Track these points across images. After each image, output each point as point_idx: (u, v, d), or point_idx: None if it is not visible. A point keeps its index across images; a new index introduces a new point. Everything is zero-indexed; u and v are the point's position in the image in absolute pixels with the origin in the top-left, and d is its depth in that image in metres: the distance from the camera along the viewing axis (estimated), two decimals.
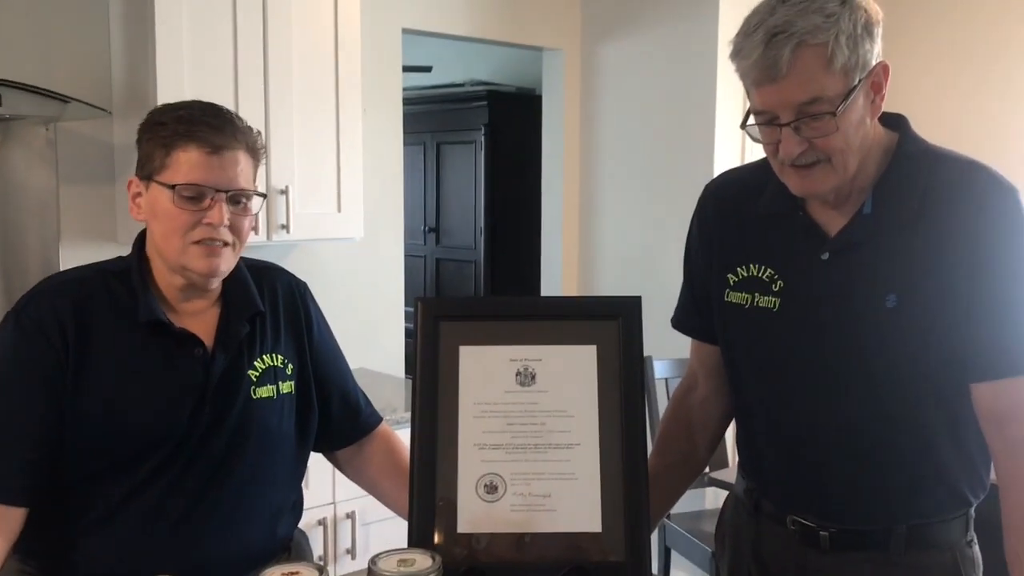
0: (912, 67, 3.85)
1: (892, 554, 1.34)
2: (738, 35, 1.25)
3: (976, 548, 1.39)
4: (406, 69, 3.45)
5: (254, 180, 1.43)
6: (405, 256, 3.50)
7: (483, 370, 1.34)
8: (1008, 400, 1.29)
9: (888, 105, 1.31)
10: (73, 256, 2.54)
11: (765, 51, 1.20)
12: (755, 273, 1.39)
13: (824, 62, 1.19)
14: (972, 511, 1.39)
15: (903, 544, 1.34)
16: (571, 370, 1.34)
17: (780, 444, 1.42)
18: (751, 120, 1.28)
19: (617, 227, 3.89)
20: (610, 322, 1.35)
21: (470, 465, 1.30)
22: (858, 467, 1.35)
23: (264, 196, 1.45)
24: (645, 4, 3.70)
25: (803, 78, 1.20)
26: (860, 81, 1.22)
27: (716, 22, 3.42)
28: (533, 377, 1.33)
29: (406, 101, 3.46)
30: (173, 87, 2.41)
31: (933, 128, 1.44)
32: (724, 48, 1.32)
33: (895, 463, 1.33)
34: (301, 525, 1.59)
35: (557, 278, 4.02)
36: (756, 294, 1.39)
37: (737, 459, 1.56)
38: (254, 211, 1.43)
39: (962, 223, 1.26)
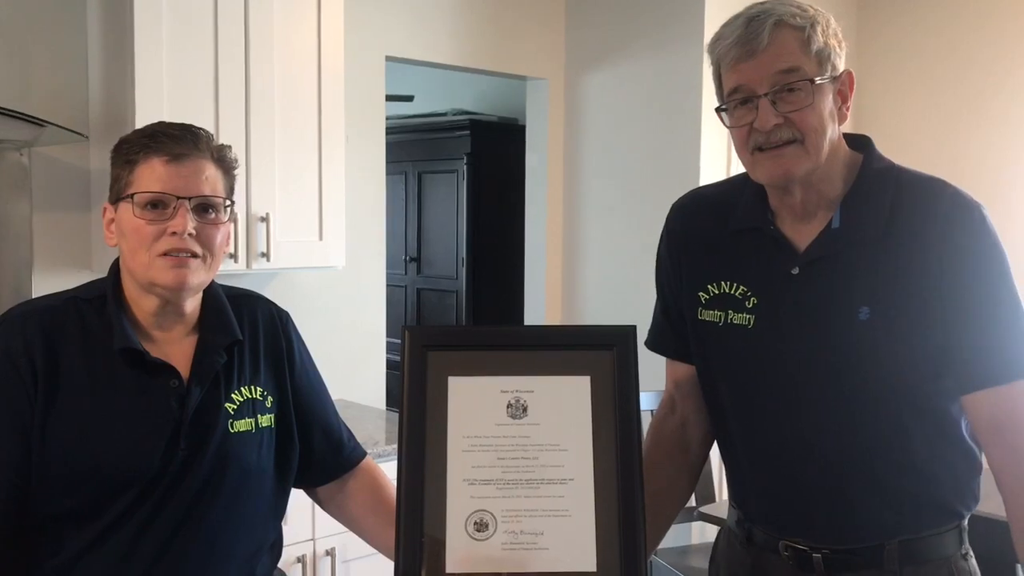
0: (883, 89, 3.88)
1: (887, 571, 1.34)
2: (719, 28, 1.31)
3: (972, 561, 1.38)
4: (388, 98, 3.43)
5: (226, 193, 1.38)
6: (386, 286, 3.46)
7: (473, 402, 1.28)
8: (1005, 407, 1.30)
9: (859, 128, 1.33)
10: (46, 284, 2.47)
11: (746, 30, 1.26)
12: (727, 290, 1.39)
13: (801, 43, 1.26)
14: (965, 523, 1.38)
15: (896, 560, 1.33)
16: (564, 402, 1.29)
17: (762, 465, 1.41)
18: (725, 107, 1.31)
19: (601, 257, 3.87)
20: (604, 352, 1.31)
21: (459, 501, 1.25)
22: (841, 485, 1.34)
23: (232, 203, 1.39)
24: (629, 33, 3.71)
25: (782, 50, 1.26)
26: (831, 78, 1.27)
27: (700, 51, 3.38)
28: (525, 409, 1.29)
29: (388, 130, 3.44)
30: (152, 113, 2.36)
31: (902, 151, 1.46)
32: (708, 77, 1.37)
33: (879, 479, 1.33)
34: (279, 564, 1.53)
35: (540, 308, 3.99)
36: (730, 311, 1.39)
37: (727, 490, 1.54)
38: (224, 221, 1.37)
39: (930, 239, 1.28)
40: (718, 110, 1.34)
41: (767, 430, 1.38)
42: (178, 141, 1.33)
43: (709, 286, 1.41)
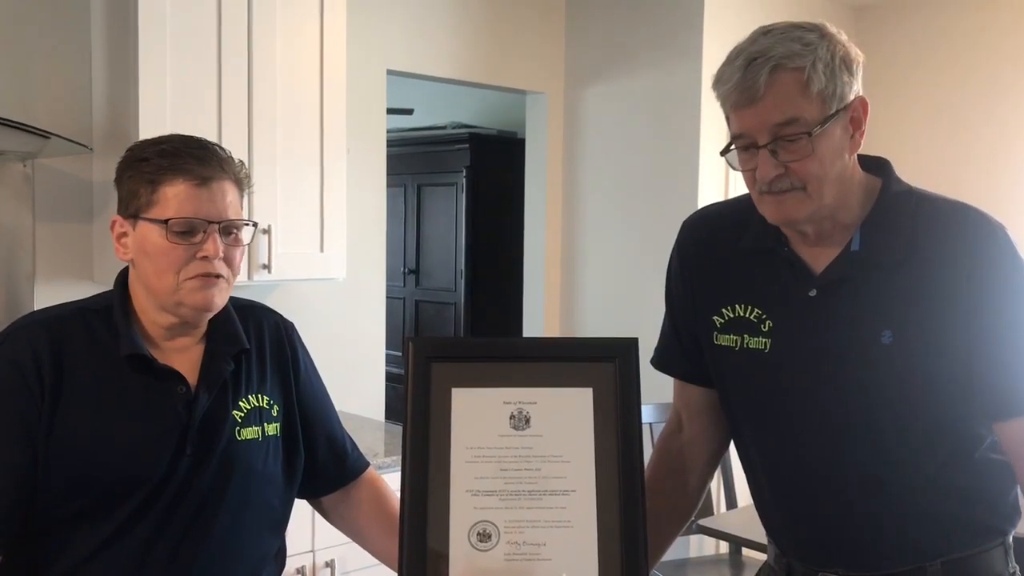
0: (887, 110, 3.91)
1: None
2: (721, 65, 1.27)
3: None
4: (389, 112, 3.45)
5: (241, 210, 1.40)
6: (385, 298, 3.47)
7: (476, 413, 1.29)
8: None
9: (864, 148, 1.32)
10: (48, 295, 2.48)
11: (744, 75, 1.22)
12: (742, 313, 1.37)
13: (801, 86, 1.21)
14: (1009, 540, 1.35)
15: None
16: (566, 413, 1.30)
17: (789, 493, 1.39)
18: (732, 148, 1.29)
19: (600, 270, 3.88)
20: (606, 364, 1.32)
21: (462, 512, 1.25)
22: (871, 509, 1.32)
23: (256, 225, 1.43)
24: (629, 48, 3.73)
25: (779, 100, 1.21)
26: (837, 112, 1.23)
27: (699, 66, 3.45)
28: (528, 420, 1.30)
29: (388, 143, 3.45)
30: (155, 126, 2.37)
31: (912, 173, 1.46)
32: (708, 91, 1.34)
33: (909, 501, 1.31)
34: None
35: (539, 321, 4.00)
36: (745, 335, 1.36)
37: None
38: (245, 242, 1.40)
39: (955, 260, 1.26)
40: (723, 153, 1.31)
41: (790, 456, 1.36)
42: (203, 163, 1.33)
43: (723, 309, 1.38)
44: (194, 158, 1.33)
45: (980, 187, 3.72)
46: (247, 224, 1.40)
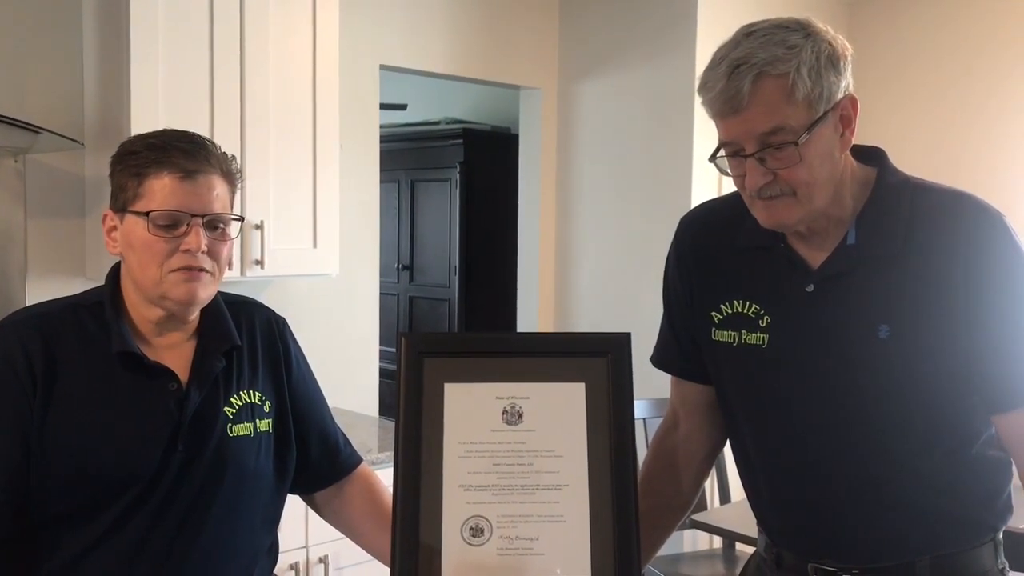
0: (883, 102, 3.91)
1: None
2: (705, 69, 1.26)
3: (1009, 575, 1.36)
4: (381, 107, 3.44)
5: (231, 205, 1.39)
6: (379, 294, 3.46)
7: (468, 408, 1.30)
8: None
9: (860, 140, 1.31)
10: (40, 291, 2.48)
11: (728, 83, 1.20)
12: (740, 309, 1.37)
13: (785, 93, 1.19)
14: (999, 536, 1.35)
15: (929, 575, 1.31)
16: (559, 408, 1.30)
17: (783, 487, 1.39)
18: (720, 153, 1.28)
19: (594, 265, 3.88)
20: (599, 359, 1.32)
21: (455, 507, 1.26)
22: (865, 504, 1.32)
23: (242, 219, 1.42)
24: (623, 43, 3.73)
25: (764, 108, 1.20)
26: (825, 113, 1.22)
27: (693, 60, 3.45)
28: (520, 415, 1.30)
29: (381, 139, 3.45)
30: (148, 121, 2.37)
31: (909, 164, 1.46)
32: None
33: (903, 496, 1.31)
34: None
35: (533, 317, 4.00)
36: (743, 331, 1.36)
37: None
38: (232, 236, 1.39)
39: (952, 252, 1.25)
40: (711, 159, 1.30)
41: (786, 452, 1.36)
42: (189, 156, 1.33)
43: (722, 305, 1.38)
44: (181, 151, 1.33)
45: (978, 177, 3.71)
46: (234, 218, 1.39)
